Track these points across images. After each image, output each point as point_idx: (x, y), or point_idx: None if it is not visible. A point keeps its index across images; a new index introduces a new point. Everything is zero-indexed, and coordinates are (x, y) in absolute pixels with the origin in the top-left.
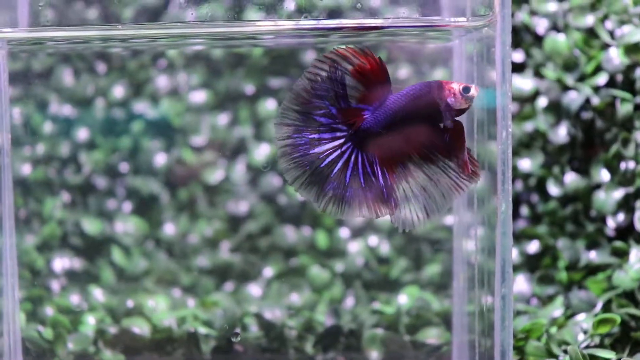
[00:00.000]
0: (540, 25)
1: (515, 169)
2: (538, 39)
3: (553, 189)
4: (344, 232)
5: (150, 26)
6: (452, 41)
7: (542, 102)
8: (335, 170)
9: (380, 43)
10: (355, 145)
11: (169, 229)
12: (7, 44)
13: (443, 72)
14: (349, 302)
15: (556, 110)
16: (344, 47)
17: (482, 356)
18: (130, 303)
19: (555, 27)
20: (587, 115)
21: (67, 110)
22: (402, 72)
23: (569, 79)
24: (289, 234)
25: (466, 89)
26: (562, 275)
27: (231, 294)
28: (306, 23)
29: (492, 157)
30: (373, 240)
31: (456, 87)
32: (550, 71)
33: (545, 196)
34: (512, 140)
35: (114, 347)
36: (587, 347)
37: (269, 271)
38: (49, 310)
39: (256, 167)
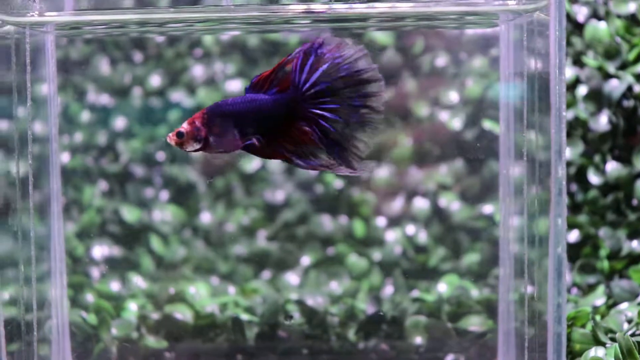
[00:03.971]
0: (581, 13)
1: None
2: (578, 27)
3: (594, 178)
4: (380, 221)
5: (186, 10)
6: (498, 26)
7: (582, 90)
8: None
9: (417, 29)
10: None
11: (206, 218)
12: (55, 29)
13: (483, 61)
14: (388, 290)
15: (597, 98)
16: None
17: (531, 343)
18: (171, 290)
19: (595, 15)
20: (628, 103)
21: (104, 99)
22: (440, 60)
23: (610, 67)
24: (326, 223)
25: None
26: (604, 265)
27: (269, 282)
28: (338, 6)
29: (531, 145)
30: (410, 229)
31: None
32: (590, 59)
33: (585, 185)
34: None
35: (157, 333)
36: (633, 335)
37: (306, 260)
38: (90, 297)
39: None
